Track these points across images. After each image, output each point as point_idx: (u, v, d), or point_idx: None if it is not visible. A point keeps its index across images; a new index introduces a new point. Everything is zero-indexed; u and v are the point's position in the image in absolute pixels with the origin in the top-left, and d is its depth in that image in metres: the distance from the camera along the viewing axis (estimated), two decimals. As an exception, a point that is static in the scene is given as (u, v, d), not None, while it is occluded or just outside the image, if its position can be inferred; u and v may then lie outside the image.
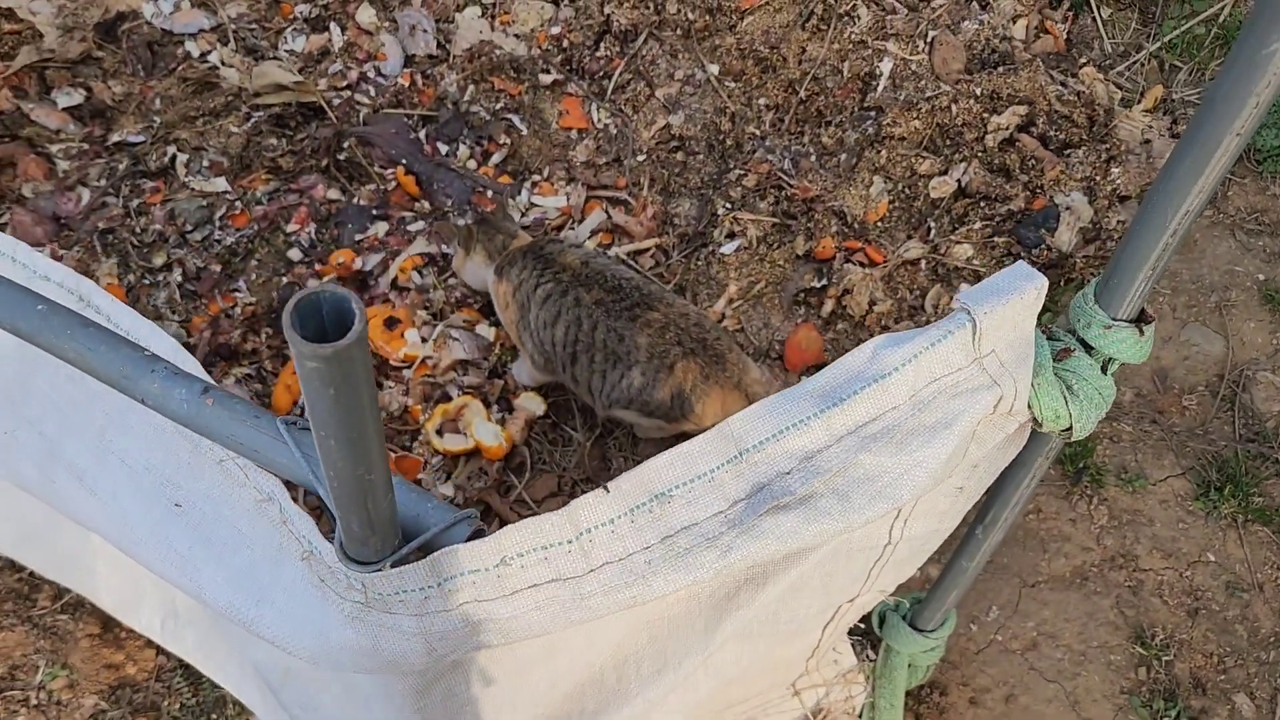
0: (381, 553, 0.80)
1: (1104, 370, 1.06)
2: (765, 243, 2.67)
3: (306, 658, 0.94)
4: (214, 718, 2.17)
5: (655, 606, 1.16)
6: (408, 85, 2.96)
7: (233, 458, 1.01)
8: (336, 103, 2.91)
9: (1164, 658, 2.25)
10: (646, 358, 2.10)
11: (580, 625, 0.92)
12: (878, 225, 2.69)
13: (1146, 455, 2.48)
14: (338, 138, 2.83)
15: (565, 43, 3.02)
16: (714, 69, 2.95)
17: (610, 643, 1.25)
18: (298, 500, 2.00)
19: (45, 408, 1.23)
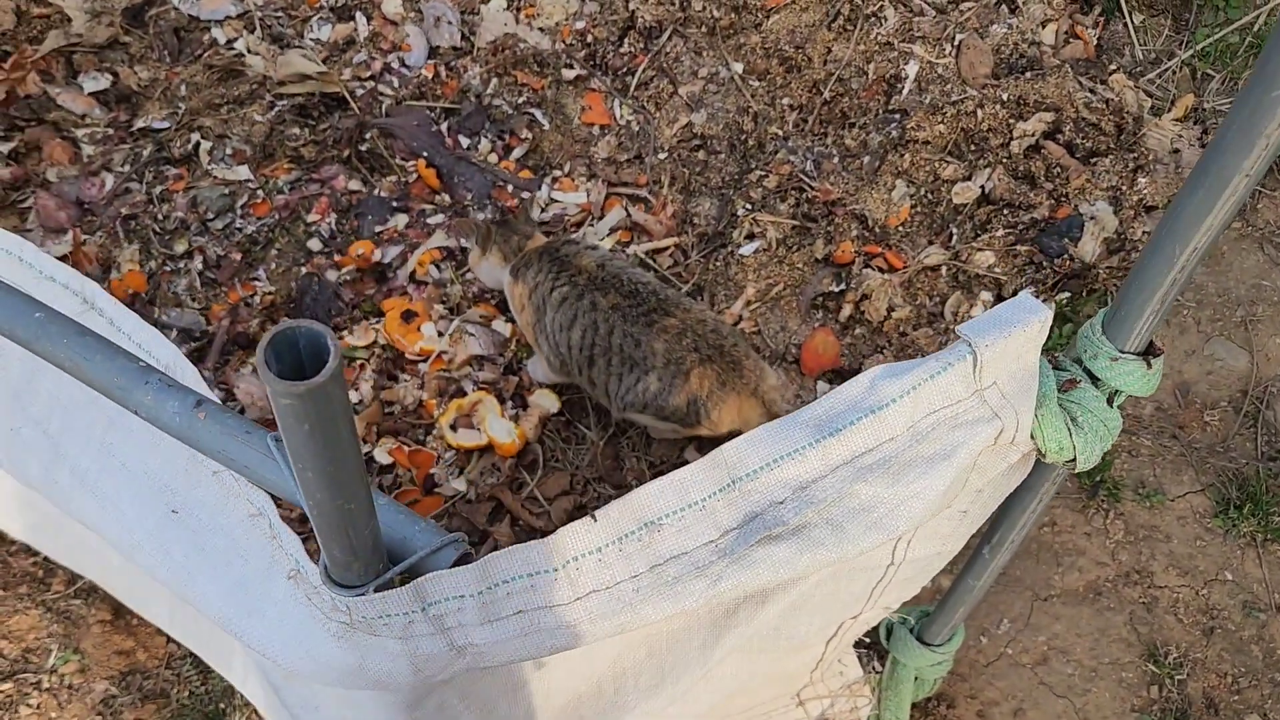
0: (365, 577, 0.80)
1: (1110, 402, 1.04)
2: (785, 245, 2.65)
3: (295, 673, 0.94)
4: (222, 706, 2.19)
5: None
6: (431, 77, 2.95)
7: (227, 469, 1.01)
8: (360, 93, 2.91)
9: (1177, 676, 2.22)
10: (663, 364, 2.09)
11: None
12: (899, 230, 2.66)
13: (1165, 470, 2.44)
14: (360, 128, 2.83)
15: (589, 38, 3.00)
16: (738, 67, 2.93)
17: (608, 656, 1.25)
18: (291, 515, 2.02)
19: (50, 407, 1.24)
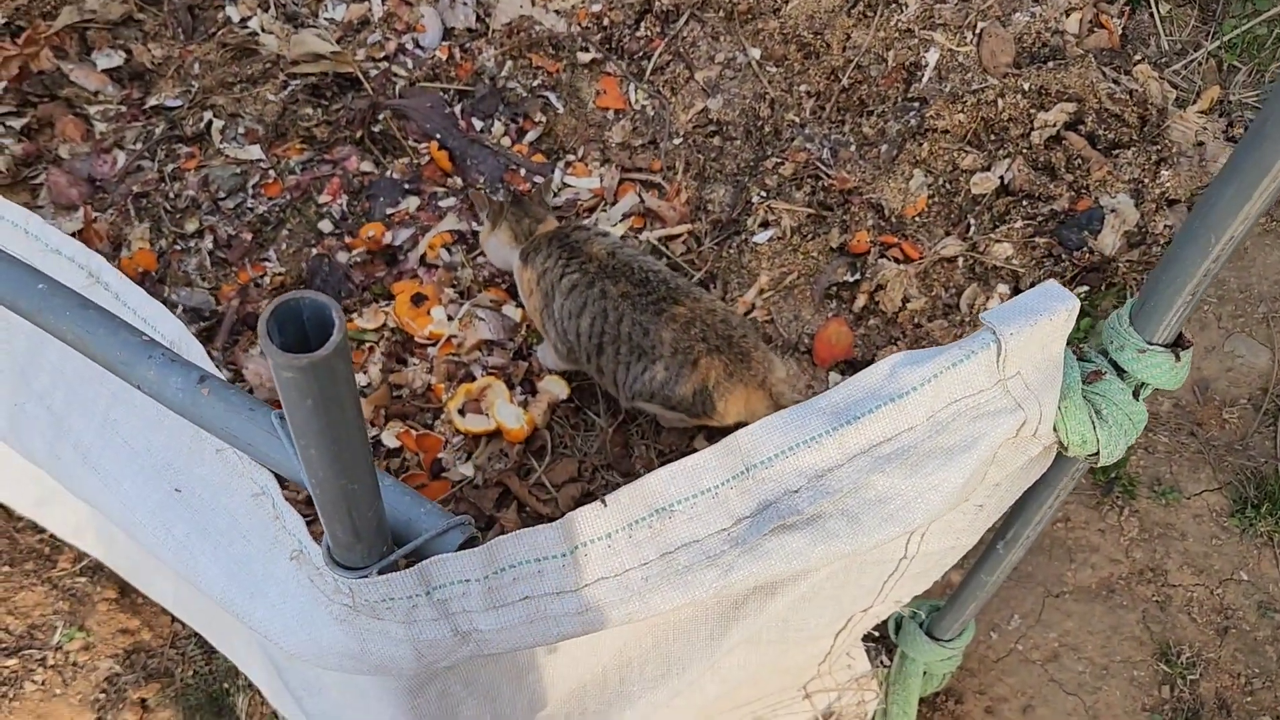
0: (368, 559, 0.78)
1: (1136, 395, 1.01)
2: (799, 233, 2.62)
3: (297, 655, 0.93)
4: (226, 686, 2.18)
5: (659, 613, 1.13)
6: (445, 59, 2.93)
7: (231, 447, 0.99)
8: (373, 74, 2.88)
9: (1189, 676, 2.19)
10: (670, 353, 2.06)
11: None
12: (915, 220, 2.63)
13: (1182, 468, 2.41)
14: (373, 110, 2.80)
15: (605, 21, 2.97)
16: (755, 53, 2.89)
17: (613, 646, 1.23)
18: (294, 496, 2.00)
19: (54, 382, 1.22)
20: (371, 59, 2.93)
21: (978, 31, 2.82)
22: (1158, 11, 2.97)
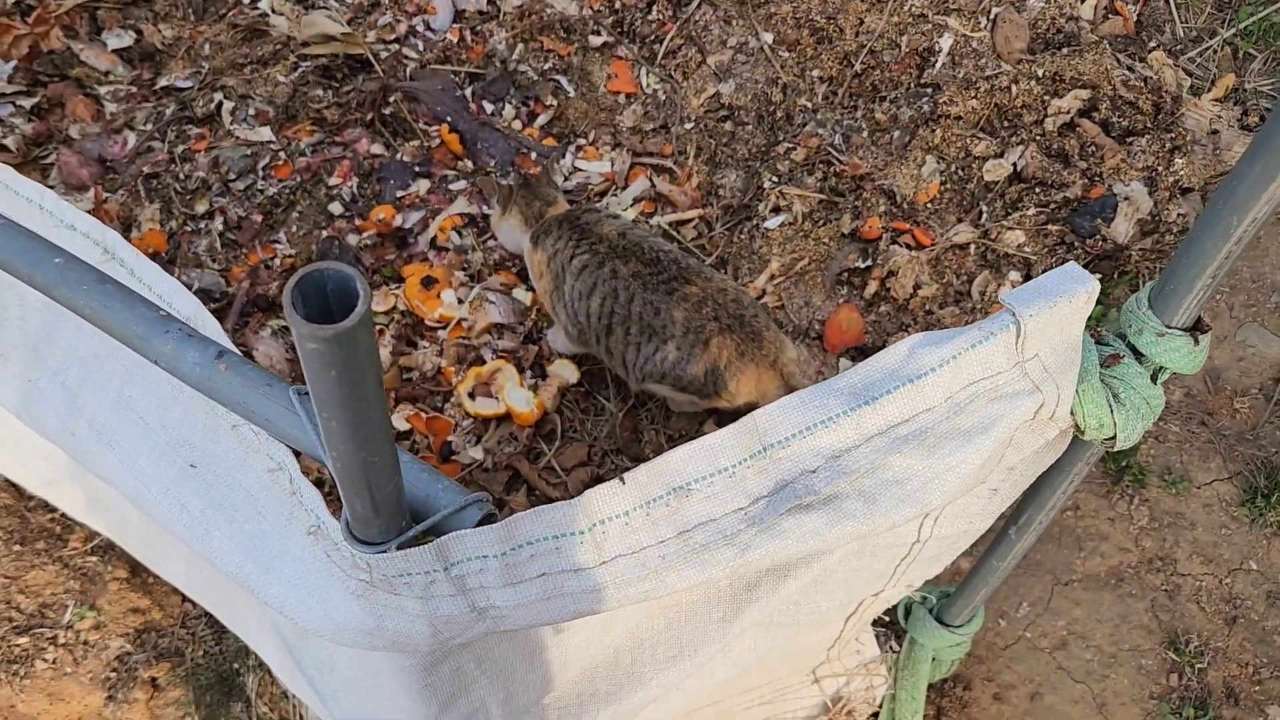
0: (387, 534, 0.78)
1: (1154, 379, 1.00)
2: (811, 219, 2.61)
3: (312, 630, 0.93)
4: (236, 666, 2.19)
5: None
6: (456, 41, 2.92)
7: (247, 423, 0.99)
8: (384, 56, 2.88)
9: (1197, 665, 2.19)
10: (682, 332, 2.06)
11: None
12: (927, 206, 2.62)
13: (1193, 457, 2.40)
14: (384, 92, 2.80)
15: (617, 4, 2.96)
16: (768, 37, 2.88)
17: (626, 626, 1.23)
18: (310, 472, 2.01)
19: (68, 358, 1.22)
20: (382, 41, 2.92)
21: (992, 17, 2.81)
22: (1173, -2, 2.95)
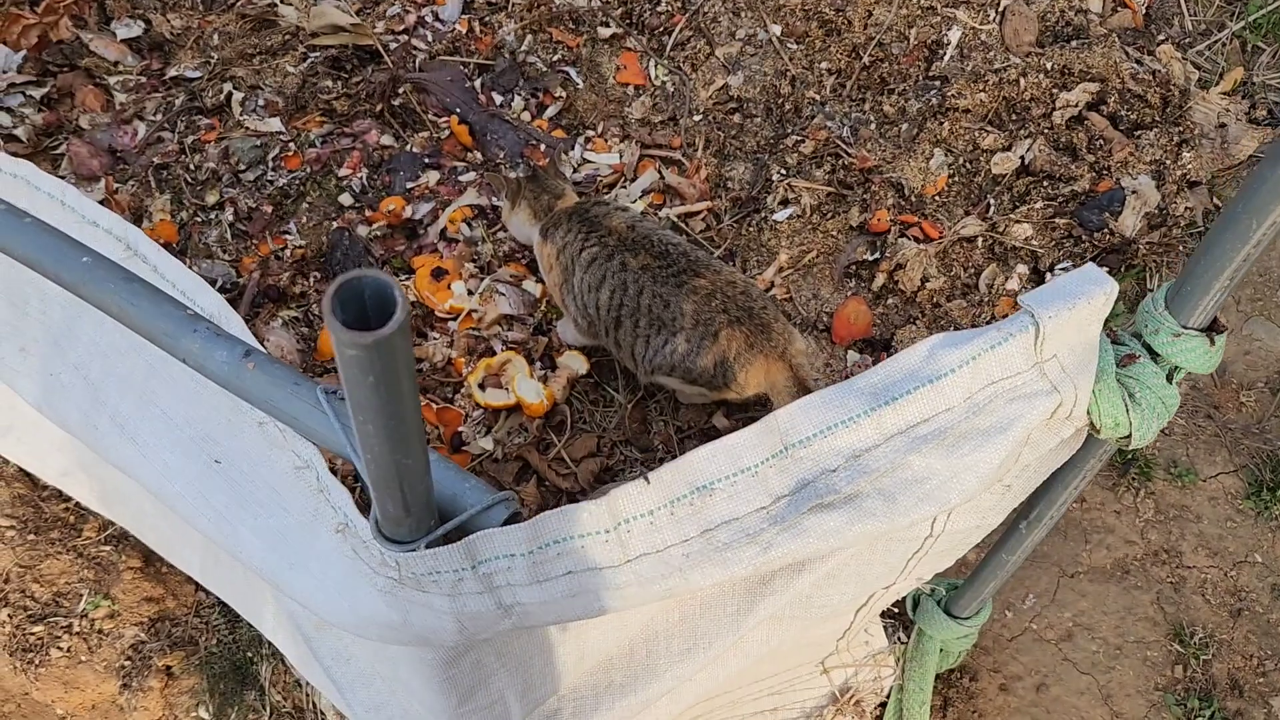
0: (416, 533, 0.79)
1: (1169, 379, 1.02)
2: (819, 212, 2.62)
3: (336, 624, 0.94)
4: (250, 655, 2.21)
5: (689, 588, 1.15)
6: (465, 32, 2.92)
7: (273, 420, 1.00)
8: (393, 47, 2.88)
9: (1202, 657, 2.21)
10: (691, 324, 2.07)
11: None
12: (935, 199, 2.62)
13: (1199, 450, 2.42)
14: (393, 83, 2.80)
15: (626, -5, 2.96)
16: (776, 29, 2.88)
17: (641, 620, 1.24)
18: (335, 469, 2.02)
19: (90, 353, 1.23)
20: (391, 31, 2.93)
21: (1001, 9, 2.81)
22: (1182, -9, 2.95)
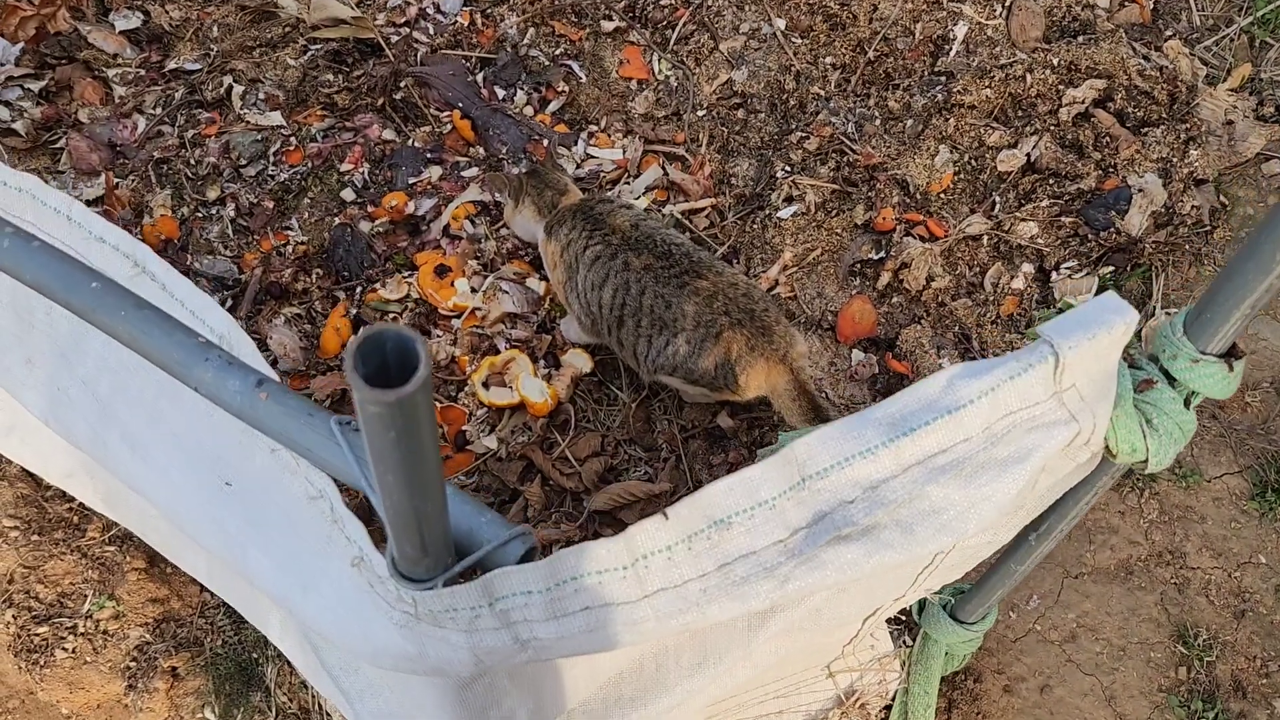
0: (434, 571, 0.78)
1: (1186, 404, 1.01)
2: (824, 209, 2.60)
3: (349, 651, 0.94)
4: (255, 656, 2.21)
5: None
6: (467, 25, 2.90)
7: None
8: (394, 40, 2.86)
9: (1206, 658, 2.21)
10: (693, 326, 2.07)
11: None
12: (940, 197, 2.61)
13: (1203, 451, 2.41)
14: (395, 77, 2.78)
15: (630, -12, 2.94)
16: (781, 24, 2.86)
17: (652, 636, 1.24)
18: (347, 498, 2.01)
19: (99, 368, 1.22)
20: (392, 24, 2.90)
21: (1007, 5, 2.79)
22: (1190, -15, 2.93)
